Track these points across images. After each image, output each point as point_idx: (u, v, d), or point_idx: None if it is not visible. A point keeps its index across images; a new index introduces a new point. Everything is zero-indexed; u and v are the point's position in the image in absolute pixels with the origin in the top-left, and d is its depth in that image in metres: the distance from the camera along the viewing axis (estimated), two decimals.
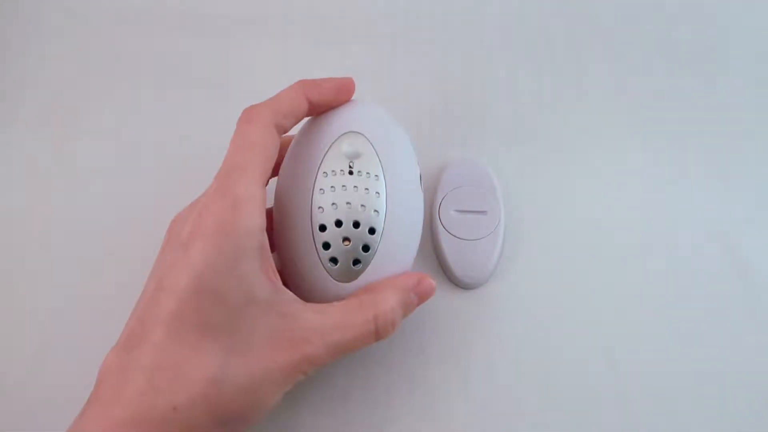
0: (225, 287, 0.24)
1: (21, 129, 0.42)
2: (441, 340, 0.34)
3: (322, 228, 0.28)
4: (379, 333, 0.28)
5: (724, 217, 0.38)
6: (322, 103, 0.30)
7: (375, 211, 0.29)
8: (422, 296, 0.30)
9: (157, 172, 0.40)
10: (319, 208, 0.28)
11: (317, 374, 0.32)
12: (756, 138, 0.41)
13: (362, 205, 0.28)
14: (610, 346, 0.34)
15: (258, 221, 0.26)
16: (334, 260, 0.28)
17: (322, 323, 0.26)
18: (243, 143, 0.27)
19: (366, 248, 0.29)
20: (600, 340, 0.34)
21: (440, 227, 0.36)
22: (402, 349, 0.33)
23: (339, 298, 0.29)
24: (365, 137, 0.29)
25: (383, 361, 0.33)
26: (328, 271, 0.29)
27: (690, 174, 0.40)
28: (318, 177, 0.29)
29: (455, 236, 0.35)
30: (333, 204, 0.28)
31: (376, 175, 0.29)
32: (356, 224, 0.28)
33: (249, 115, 0.28)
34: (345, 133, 0.29)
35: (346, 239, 0.28)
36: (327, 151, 0.29)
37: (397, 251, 0.30)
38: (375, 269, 0.29)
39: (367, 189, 0.29)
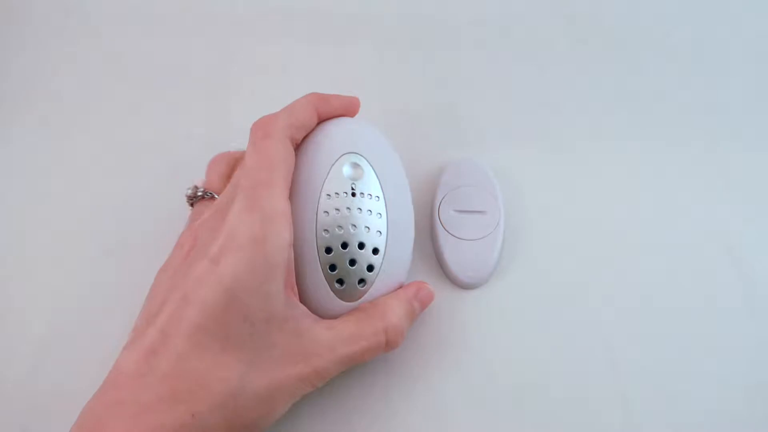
0: (250, 304, 0.25)
1: (21, 129, 0.42)
2: (441, 340, 0.34)
3: (328, 250, 0.29)
4: (389, 344, 0.29)
5: (724, 216, 0.38)
6: (329, 119, 0.31)
7: (378, 231, 0.29)
8: (423, 303, 0.32)
9: (157, 172, 0.40)
10: (325, 230, 0.29)
11: None
12: (756, 138, 0.41)
13: (366, 227, 0.29)
14: (610, 346, 0.34)
15: (287, 236, 0.26)
16: (340, 281, 0.29)
17: (331, 338, 0.28)
18: (265, 159, 0.27)
19: (370, 268, 0.29)
20: (600, 340, 0.34)
21: (440, 227, 0.36)
22: (402, 350, 0.33)
23: None
24: (365, 159, 0.30)
25: (382, 361, 0.33)
26: (335, 292, 0.29)
27: (690, 174, 0.40)
28: (321, 198, 0.29)
29: (455, 236, 0.35)
30: (339, 227, 0.29)
31: (377, 196, 0.30)
32: (361, 245, 0.29)
33: (266, 128, 0.28)
34: (345, 154, 0.30)
35: (352, 261, 0.29)
36: (329, 172, 0.29)
37: (397, 267, 0.31)
38: (378, 287, 0.30)
39: (370, 210, 0.29)
